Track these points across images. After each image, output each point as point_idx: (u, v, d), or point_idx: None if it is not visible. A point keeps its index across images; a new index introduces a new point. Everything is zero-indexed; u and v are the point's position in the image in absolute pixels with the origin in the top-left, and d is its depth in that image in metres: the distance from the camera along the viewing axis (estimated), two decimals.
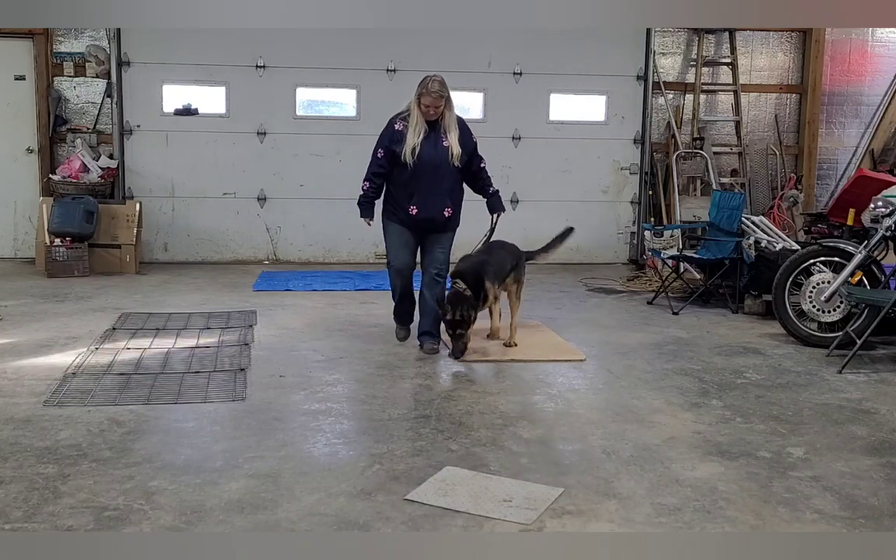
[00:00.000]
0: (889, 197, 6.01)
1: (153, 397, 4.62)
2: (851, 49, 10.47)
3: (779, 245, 7.30)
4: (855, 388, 5.11)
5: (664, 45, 10.29)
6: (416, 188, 5.52)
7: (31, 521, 3.14)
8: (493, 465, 3.77)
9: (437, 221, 5.59)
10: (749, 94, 10.48)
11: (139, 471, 3.62)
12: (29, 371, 5.10)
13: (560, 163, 10.12)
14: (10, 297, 7.41)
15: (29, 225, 9.56)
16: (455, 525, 3.19)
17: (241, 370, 5.15)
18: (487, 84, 9.90)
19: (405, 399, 4.75)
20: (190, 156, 9.65)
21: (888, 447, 4.13)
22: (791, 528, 3.24)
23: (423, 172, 5.48)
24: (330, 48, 9.47)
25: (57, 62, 9.47)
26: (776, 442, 4.15)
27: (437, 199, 5.56)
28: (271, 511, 3.27)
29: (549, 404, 4.69)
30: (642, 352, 5.92)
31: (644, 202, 10.22)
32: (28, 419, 4.24)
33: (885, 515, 3.36)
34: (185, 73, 9.53)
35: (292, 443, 4.01)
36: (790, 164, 10.52)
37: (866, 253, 5.88)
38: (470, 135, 5.69)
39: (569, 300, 7.85)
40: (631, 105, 10.14)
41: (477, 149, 5.79)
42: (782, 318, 6.29)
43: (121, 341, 5.86)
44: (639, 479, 3.64)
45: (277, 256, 9.81)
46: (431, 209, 5.56)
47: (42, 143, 9.50)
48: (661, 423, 4.39)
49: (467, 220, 5.81)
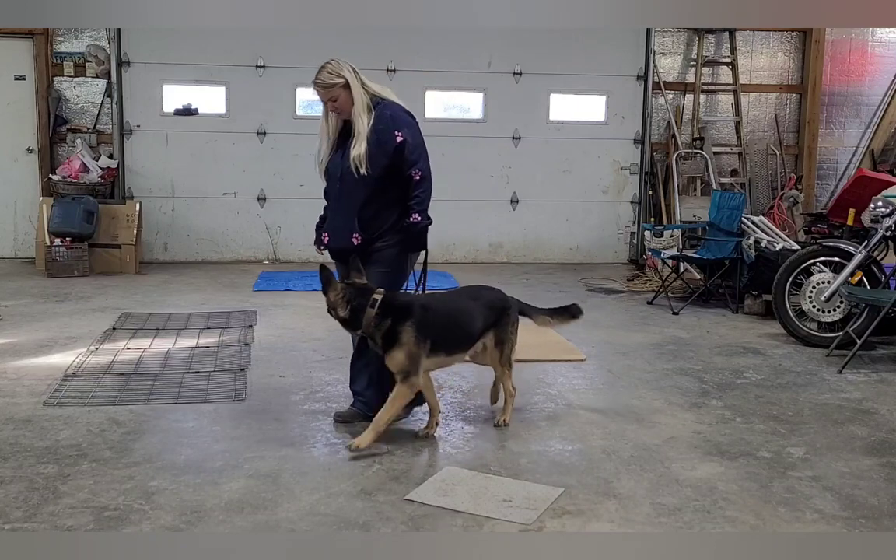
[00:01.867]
0: (889, 197, 6.01)
1: (153, 397, 4.62)
2: (851, 49, 10.47)
3: (779, 245, 7.30)
4: (855, 388, 5.11)
5: (664, 45, 10.28)
6: (328, 210, 4.35)
7: (31, 521, 3.14)
8: (493, 465, 3.77)
9: (347, 252, 4.11)
10: (749, 94, 10.48)
11: (139, 471, 3.62)
12: (29, 371, 5.10)
13: (560, 163, 10.12)
14: (10, 297, 7.41)
15: (29, 225, 9.55)
16: (455, 525, 3.19)
17: (241, 370, 5.15)
18: (487, 84, 9.90)
19: None
20: (190, 156, 9.64)
21: (888, 447, 4.13)
22: (791, 528, 3.24)
23: (330, 189, 4.28)
24: (330, 48, 9.37)
25: (57, 62, 9.47)
26: (776, 442, 4.15)
27: (342, 221, 4.18)
28: (271, 511, 3.27)
29: (549, 404, 4.69)
30: (642, 352, 5.92)
31: (644, 202, 10.22)
32: (28, 419, 4.24)
33: (885, 515, 3.36)
34: (185, 73, 9.53)
35: (292, 443, 4.00)
36: (790, 164, 10.52)
37: (866, 253, 5.88)
38: (394, 129, 4.13)
39: (569, 300, 7.78)
40: (631, 105, 10.14)
41: (409, 150, 4.13)
42: (782, 318, 6.29)
43: (121, 341, 5.86)
44: (639, 479, 3.64)
45: (277, 256, 9.81)
46: (338, 237, 4.23)
47: (42, 143, 9.49)
48: (661, 423, 4.39)
49: (467, 219, 5.67)
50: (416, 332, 3.84)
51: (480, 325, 4.14)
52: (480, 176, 9.93)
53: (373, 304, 3.84)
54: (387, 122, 4.13)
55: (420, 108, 9.85)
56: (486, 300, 4.23)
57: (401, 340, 3.83)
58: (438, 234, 9.88)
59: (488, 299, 4.25)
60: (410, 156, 4.11)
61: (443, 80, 9.81)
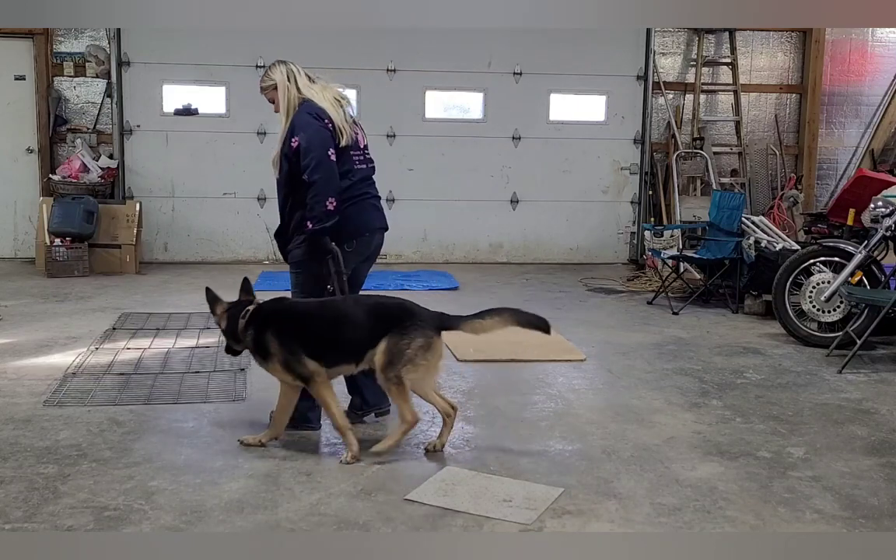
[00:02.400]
0: (889, 197, 6.01)
1: (153, 397, 4.62)
2: (851, 49, 10.47)
3: (779, 245, 7.30)
4: (855, 388, 5.11)
5: (664, 45, 10.28)
6: None
7: (31, 521, 3.14)
8: (493, 465, 3.77)
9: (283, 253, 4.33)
10: (749, 94, 10.48)
11: (139, 471, 3.62)
12: (29, 371, 5.10)
13: (560, 163, 10.11)
14: (10, 297, 7.41)
15: (29, 225, 9.55)
16: (455, 525, 3.19)
17: (241, 370, 5.15)
18: (487, 84, 9.90)
19: None
20: (190, 156, 9.64)
21: (888, 447, 4.13)
22: (791, 528, 3.24)
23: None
24: (330, 48, 9.46)
25: (57, 62, 9.47)
26: (776, 442, 4.15)
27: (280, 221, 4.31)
28: (271, 511, 3.27)
29: (549, 404, 4.69)
30: (642, 352, 5.92)
31: (644, 202, 10.22)
32: (28, 419, 4.24)
33: (885, 515, 3.36)
34: (185, 73, 9.53)
35: (292, 443, 4.00)
36: (790, 164, 10.52)
37: (866, 253, 5.88)
38: (293, 135, 4.08)
39: (569, 300, 7.85)
40: (631, 105, 10.14)
41: (302, 154, 4.01)
42: (782, 318, 6.29)
43: (121, 341, 5.86)
44: (639, 479, 3.64)
45: (277, 256, 9.79)
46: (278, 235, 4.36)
47: (42, 143, 9.50)
48: (661, 423, 4.39)
49: (467, 219, 5.65)
50: (278, 340, 3.73)
51: (366, 335, 3.76)
52: (480, 176, 9.93)
53: (244, 315, 3.82)
54: (292, 127, 4.10)
55: (420, 108, 9.86)
56: (380, 310, 3.85)
57: (269, 350, 3.77)
58: (438, 234, 10.06)
59: (382, 309, 3.86)
60: (303, 161, 4.01)
61: (443, 80, 9.81)
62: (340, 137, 4.07)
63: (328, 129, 4.05)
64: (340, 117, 4.12)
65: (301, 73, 4.21)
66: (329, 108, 4.11)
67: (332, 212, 3.97)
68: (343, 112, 4.17)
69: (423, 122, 9.89)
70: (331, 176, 3.99)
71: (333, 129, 4.06)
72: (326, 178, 3.98)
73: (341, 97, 4.23)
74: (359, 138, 4.25)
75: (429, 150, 9.87)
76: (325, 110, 4.09)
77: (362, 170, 4.25)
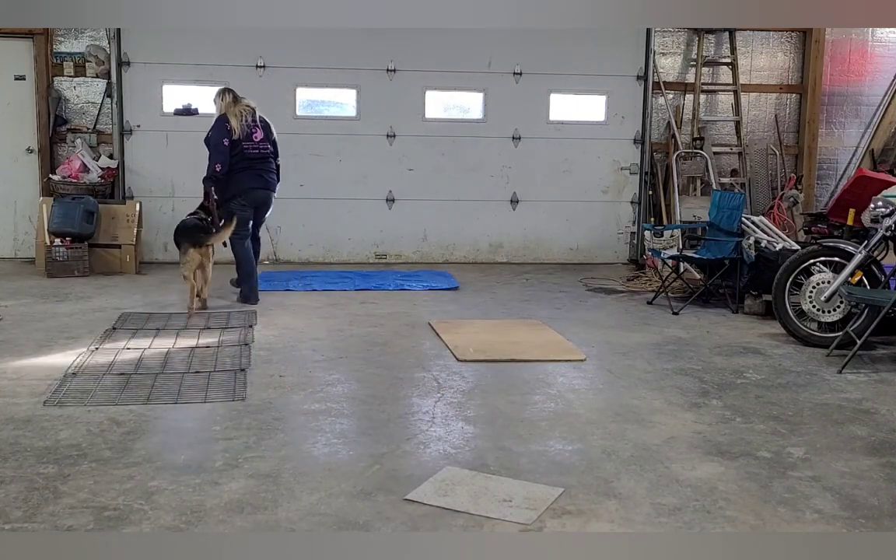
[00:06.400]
0: (889, 197, 6.01)
1: (153, 397, 4.62)
2: (851, 49, 10.47)
3: (779, 245, 7.30)
4: (855, 388, 5.11)
5: (664, 45, 10.29)
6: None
7: (31, 521, 3.14)
8: (493, 465, 3.77)
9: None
10: (749, 94, 10.48)
11: (139, 471, 3.62)
12: (29, 371, 5.10)
13: (560, 163, 10.11)
14: (10, 297, 7.41)
15: (29, 225, 9.55)
16: (455, 525, 3.19)
17: (241, 370, 5.15)
18: (487, 84, 9.90)
19: (405, 399, 4.75)
20: (190, 156, 9.58)
21: (888, 447, 4.13)
22: (791, 528, 3.24)
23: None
24: (330, 48, 9.47)
25: (57, 62, 9.47)
26: (776, 442, 4.15)
27: None
28: (271, 511, 3.27)
29: (549, 404, 4.69)
30: (642, 352, 5.92)
31: (644, 202, 10.22)
32: (28, 419, 4.24)
33: (885, 515, 3.36)
34: (185, 73, 9.52)
35: (292, 443, 4.01)
36: (790, 164, 10.53)
37: (866, 253, 5.88)
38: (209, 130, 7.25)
39: (569, 300, 7.84)
40: (631, 105, 10.14)
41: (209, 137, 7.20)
42: (782, 318, 6.29)
43: (121, 341, 5.86)
44: (639, 479, 3.65)
45: (277, 256, 9.81)
46: None
47: (42, 143, 9.49)
48: (661, 423, 4.39)
49: (467, 219, 5.77)
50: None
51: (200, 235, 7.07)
52: (480, 176, 9.93)
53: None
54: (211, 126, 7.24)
55: (420, 108, 9.86)
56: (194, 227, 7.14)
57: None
58: (438, 234, 10.06)
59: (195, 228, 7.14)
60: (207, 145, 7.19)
61: (443, 80, 9.81)
62: (234, 134, 7.03)
63: (226, 128, 7.04)
64: (236, 121, 7.04)
65: (228, 97, 7.16)
66: (232, 117, 7.05)
67: (217, 172, 7.07)
68: (242, 119, 7.07)
69: (423, 122, 9.88)
70: (219, 152, 7.05)
71: (230, 129, 7.03)
72: (216, 152, 7.07)
73: (245, 109, 7.13)
74: (254, 134, 7.15)
75: (429, 150, 9.87)
76: (227, 117, 7.07)
77: (253, 153, 7.14)
